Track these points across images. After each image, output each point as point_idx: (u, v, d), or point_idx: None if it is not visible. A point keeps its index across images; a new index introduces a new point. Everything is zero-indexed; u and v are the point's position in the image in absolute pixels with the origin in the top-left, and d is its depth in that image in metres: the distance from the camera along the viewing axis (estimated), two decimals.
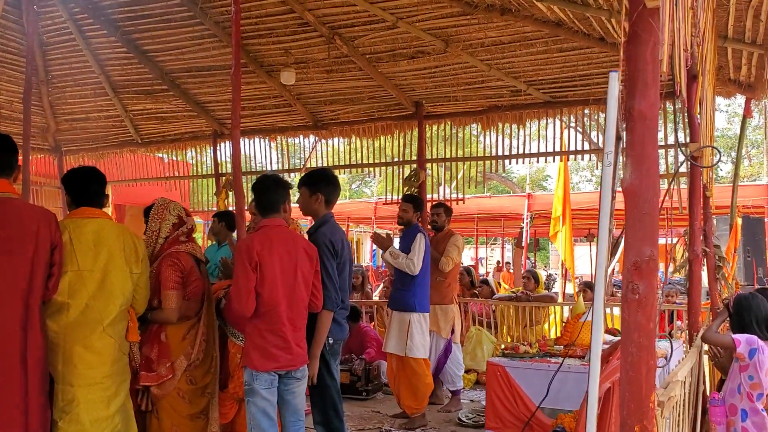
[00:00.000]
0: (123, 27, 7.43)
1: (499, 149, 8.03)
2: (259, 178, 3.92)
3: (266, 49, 7.38)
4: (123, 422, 3.35)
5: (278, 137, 9.22)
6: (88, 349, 3.22)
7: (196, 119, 9.11)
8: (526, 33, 6.34)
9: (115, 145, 10.07)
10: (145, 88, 8.57)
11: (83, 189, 3.44)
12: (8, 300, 2.85)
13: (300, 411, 3.82)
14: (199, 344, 3.82)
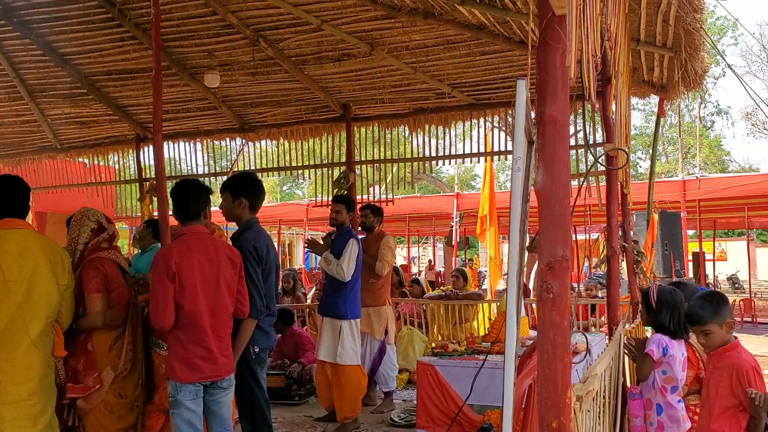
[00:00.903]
0: (38, 29, 7.15)
1: (428, 150, 8.11)
2: (177, 183, 3.85)
3: (189, 51, 7.25)
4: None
5: (204, 140, 9.07)
6: (13, 364, 3.13)
7: (118, 123, 8.86)
8: (449, 36, 6.44)
9: (33, 150, 9.71)
10: (63, 92, 8.27)
11: (5, 199, 3.34)
12: None
13: (227, 420, 3.77)
14: (125, 354, 3.74)
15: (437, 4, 5.79)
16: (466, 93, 7.43)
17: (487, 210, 10.32)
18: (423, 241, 26.63)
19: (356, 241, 5.82)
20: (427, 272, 18.32)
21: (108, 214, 4.17)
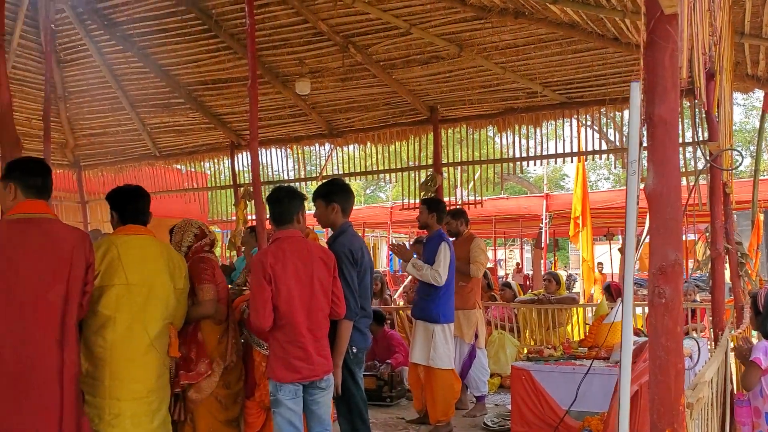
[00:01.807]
0: (139, 42, 7.51)
1: (516, 151, 8.01)
2: (273, 190, 3.95)
3: (281, 59, 7.45)
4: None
5: (294, 146, 9.26)
6: (134, 364, 3.30)
7: (213, 131, 9.18)
8: (540, 35, 6.34)
9: (134, 158, 10.16)
10: (162, 101, 8.66)
11: (129, 207, 3.55)
12: (46, 317, 2.91)
13: (326, 420, 3.84)
14: (231, 347, 3.91)
15: (528, 3, 5.71)
16: (558, 92, 7.29)
17: (580, 211, 10.09)
18: (510, 243, 26.30)
19: (447, 244, 5.79)
20: (515, 275, 18.06)
21: (202, 219, 4.37)
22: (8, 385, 2.81)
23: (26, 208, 3.01)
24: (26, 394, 2.84)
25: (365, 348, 4.20)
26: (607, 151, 7.76)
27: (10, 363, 2.82)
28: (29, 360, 2.85)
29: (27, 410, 2.84)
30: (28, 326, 2.87)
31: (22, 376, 2.84)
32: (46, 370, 2.88)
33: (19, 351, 2.84)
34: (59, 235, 3.05)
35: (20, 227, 2.97)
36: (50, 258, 2.96)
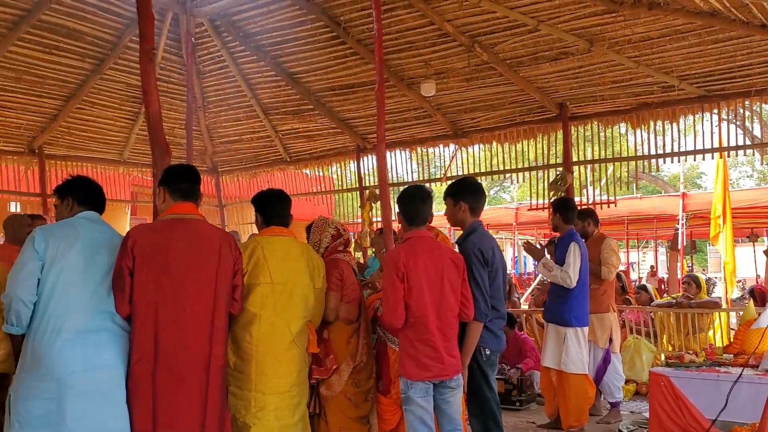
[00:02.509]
0: (271, 51, 7.83)
1: (652, 148, 7.64)
2: (404, 190, 3.96)
3: (406, 62, 7.53)
4: (303, 430, 3.58)
5: (418, 148, 9.31)
6: (277, 359, 3.46)
7: (340, 135, 9.41)
8: (676, 26, 6.04)
9: (267, 164, 10.59)
10: (292, 108, 8.97)
11: (273, 209, 3.74)
12: (198, 310, 3.11)
13: (456, 419, 3.82)
14: (361, 347, 3.99)
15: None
16: (696, 85, 6.90)
17: (721, 211, 9.47)
18: (643, 245, 25.15)
19: (579, 244, 5.61)
20: (649, 278, 17.22)
21: None
22: (167, 376, 3.01)
23: (176, 209, 3.25)
24: (179, 384, 3.02)
25: (499, 350, 4.13)
26: (751, 147, 7.27)
27: (169, 353, 3.02)
28: (184, 351, 3.04)
29: (178, 400, 3.02)
30: (182, 318, 3.07)
31: (177, 366, 3.02)
32: (195, 360, 3.06)
33: (176, 341, 3.04)
34: (207, 233, 3.25)
35: (172, 226, 3.19)
36: (200, 254, 3.16)
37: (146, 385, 3.00)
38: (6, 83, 7.71)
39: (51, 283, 2.91)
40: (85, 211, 3.20)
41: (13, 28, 7.03)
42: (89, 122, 8.96)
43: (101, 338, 2.95)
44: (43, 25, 7.15)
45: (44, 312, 2.89)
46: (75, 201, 3.23)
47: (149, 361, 3.01)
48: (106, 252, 3.08)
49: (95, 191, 3.30)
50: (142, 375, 3.00)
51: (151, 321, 3.03)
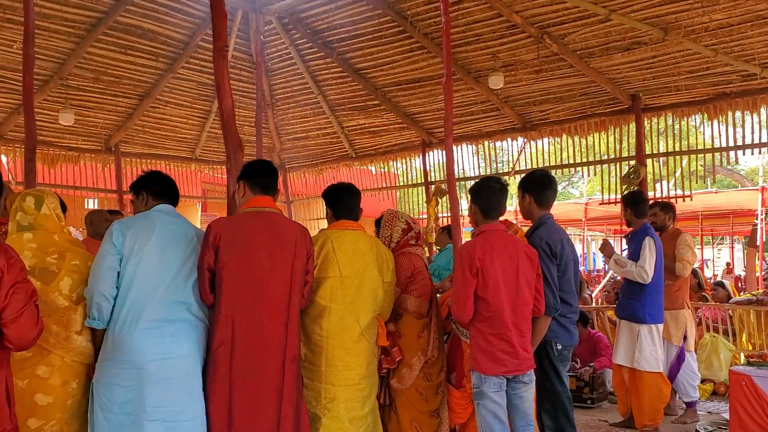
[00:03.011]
0: (339, 48, 7.89)
1: (729, 140, 7.35)
2: (480, 181, 3.91)
3: (474, 55, 7.46)
4: (373, 422, 3.61)
5: (485, 142, 9.22)
6: (347, 351, 3.48)
7: (406, 130, 9.40)
8: (759, 11, 5.80)
9: (333, 160, 10.68)
10: (358, 104, 9.02)
11: (343, 203, 3.76)
12: (275, 301, 3.17)
13: (529, 415, 3.76)
14: (433, 342, 3.96)
15: None
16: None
17: None
18: (718, 241, 24.28)
19: (653, 239, 5.43)
20: (725, 276, 16.60)
21: None
22: (244, 364, 3.07)
23: (255, 202, 3.31)
24: (255, 372, 3.08)
25: (570, 345, 4.05)
26: None
27: (247, 342, 3.08)
28: (261, 340, 3.09)
29: (254, 388, 3.07)
30: (260, 308, 3.13)
31: (254, 355, 3.08)
32: (272, 349, 3.11)
33: (253, 330, 3.10)
34: (283, 226, 3.31)
35: (251, 219, 3.25)
36: (276, 246, 3.21)
37: (224, 371, 3.06)
38: (84, 83, 8.02)
39: (129, 275, 2.99)
40: (161, 204, 3.28)
41: (92, 30, 7.31)
42: (162, 120, 9.24)
43: (178, 328, 3.02)
44: (119, 26, 7.40)
45: (123, 303, 2.97)
46: (150, 195, 3.32)
47: (228, 349, 3.07)
48: (182, 243, 3.15)
49: (169, 185, 3.38)
50: (222, 361, 3.07)
51: (230, 311, 3.09)
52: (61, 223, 3.13)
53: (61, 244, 3.04)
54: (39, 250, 2.96)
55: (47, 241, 3.01)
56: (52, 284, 2.93)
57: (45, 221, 3.05)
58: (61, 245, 3.03)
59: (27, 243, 2.96)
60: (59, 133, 8.56)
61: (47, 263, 2.94)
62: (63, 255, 3.00)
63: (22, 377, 2.81)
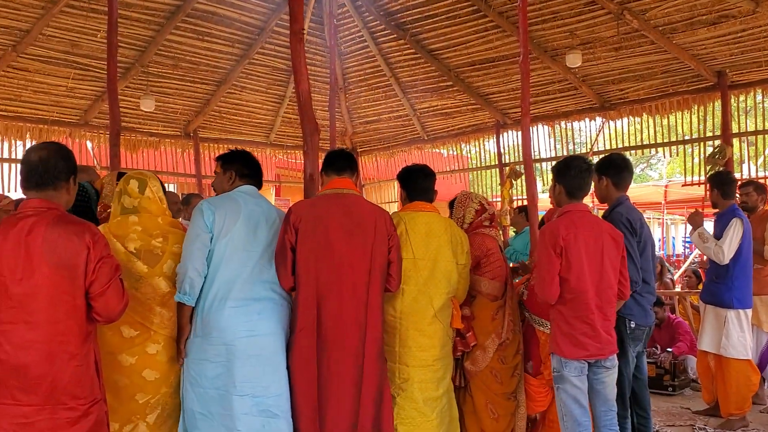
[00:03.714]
0: (411, 29, 7.83)
1: None
2: (564, 160, 3.81)
3: (550, 33, 7.29)
4: (448, 403, 3.59)
5: (561, 122, 9.01)
6: (420, 333, 3.47)
7: (479, 111, 9.28)
8: None
9: (404, 143, 10.65)
10: (431, 86, 8.95)
11: (417, 185, 3.74)
12: (356, 282, 3.19)
13: (611, 401, 3.67)
14: (507, 324, 3.90)
15: None
16: None
17: None
18: None
19: (741, 219, 5.19)
20: None
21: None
22: (328, 345, 3.12)
23: (334, 184, 3.36)
24: (338, 351, 3.12)
25: (645, 325, 3.93)
26: None
27: (329, 322, 3.12)
28: (342, 320, 3.13)
29: (338, 367, 3.12)
30: (341, 289, 3.16)
31: (337, 335, 3.12)
32: (353, 329, 3.15)
33: (335, 311, 3.13)
34: (363, 208, 3.33)
35: (331, 201, 3.29)
36: (357, 228, 3.23)
37: (309, 352, 3.11)
38: (164, 70, 8.24)
39: (219, 254, 3.06)
40: (244, 185, 3.33)
41: (171, 17, 7.49)
42: (238, 106, 9.41)
43: (263, 306, 3.08)
44: (197, 13, 7.56)
45: (212, 281, 3.05)
46: (237, 174, 3.37)
47: (312, 330, 3.12)
48: (265, 225, 3.21)
49: (256, 167, 3.44)
50: (306, 342, 3.12)
51: (312, 292, 3.14)
52: (163, 206, 3.20)
53: (164, 227, 3.12)
54: (144, 232, 3.05)
55: (151, 223, 3.09)
56: (157, 267, 3.02)
57: (149, 204, 3.13)
58: (165, 228, 3.12)
59: (132, 225, 3.05)
60: (140, 119, 8.83)
61: (152, 246, 3.03)
62: (166, 237, 3.08)
63: (132, 354, 2.93)
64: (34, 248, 2.35)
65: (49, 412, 2.35)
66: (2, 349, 2.35)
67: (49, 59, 7.53)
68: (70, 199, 2.59)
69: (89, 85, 8.07)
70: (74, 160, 2.58)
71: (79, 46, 7.49)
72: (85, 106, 8.31)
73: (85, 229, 2.41)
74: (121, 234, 3.01)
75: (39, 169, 2.47)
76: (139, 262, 2.98)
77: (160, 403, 3.00)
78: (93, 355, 2.48)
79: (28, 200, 2.49)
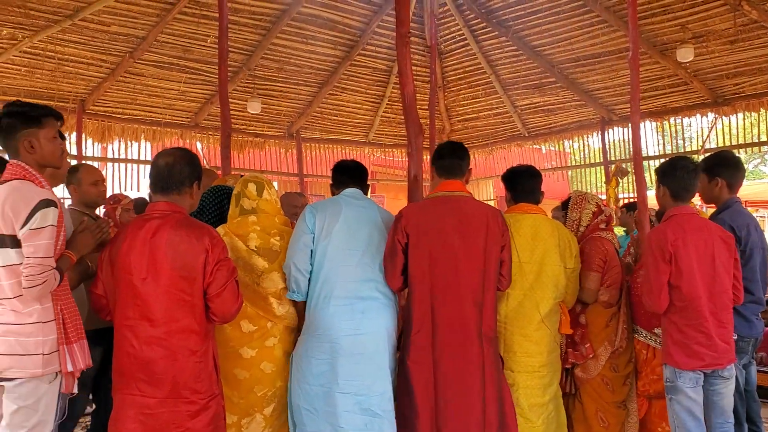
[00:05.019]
0: (514, 26, 7.73)
1: None
2: (670, 161, 3.66)
3: (660, 27, 7.01)
4: (555, 410, 3.49)
5: (670, 118, 8.65)
6: (526, 338, 3.42)
7: (583, 108, 9.04)
8: None
9: (503, 140, 10.51)
10: (532, 82, 8.80)
11: (522, 186, 3.67)
12: (469, 284, 3.18)
13: (728, 412, 3.49)
14: (621, 332, 3.79)
15: None
16: None
17: None
18: None
19: None
20: None
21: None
22: (445, 346, 3.12)
23: (444, 187, 3.34)
24: (456, 353, 3.13)
25: (750, 336, 3.72)
26: None
27: (445, 324, 3.14)
28: (458, 322, 3.13)
29: (457, 368, 3.13)
30: (456, 291, 3.15)
31: (454, 337, 3.13)
32: (470, 331, 3.14)
33: (451, 313, 3.14)
34: (475, 209, 3.29)
35: (441, 204, 3.28)
36: (469, 230, 3.21)
37: (426, 354, 3.13)
38: (269, 73, 8.48)
39: (321, 254, 3.16)
40: (348, 189, 3.43)
41: (276, 22, 7.70)
42: (339, 107, 9.57)
43: (367, 305, 3.14)
44: (301, 17, 7.74)
45: (317, 280, 3.15)
46: (335, 182, 3.49)
47: (428, 332, 3.14)
48: (367, 226, 3.27)
49: (348, 172, 3.50)
50: (423, 344, 3.14)
51: (427, 294, 3.16)
52: (277, 206, 3.36)
53: (280, 226, 3.28)
54: (263, 231, 3.21)
55: (269, 223, 3.25)
56: (275, 262, 3.18)
57: (266, 205, 3.29)
58: (280, 227, 3.28)
59: (252, 225, 3.21)
60: (247, 120, 9.13)
61: (271, 244, 3.19)
62: (282, 236, 3.24)
63: (252, 347, 3.08)
64: (158, 250, 2.50)
65: (171, 404, 2.49)
66: (130, 343, 2.51)
67: (162, 64, 7.90)
68: (193, 203, 2.74)
69: (199, 89, 8.42)
70: (198, 167, 2.72)
71: (191, 51, 7.82)
72: (195, 109, 8.67)
73: (205, 232, 2.54)
74: (242, 233, 3.17)
75: (164, 174, 2.64)
76: (260, 258, 3.13)
77: (276, 397, 3.12)
78: (212, 352, 2.61)
79: (155, 203, 2.66)
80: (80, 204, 3.76)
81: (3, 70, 7.10)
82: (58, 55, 7.17)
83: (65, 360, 2.45)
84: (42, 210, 2.39)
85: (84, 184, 3.74)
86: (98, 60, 7.53)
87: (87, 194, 3.76)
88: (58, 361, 2.45)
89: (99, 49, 7.39)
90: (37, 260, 2.36)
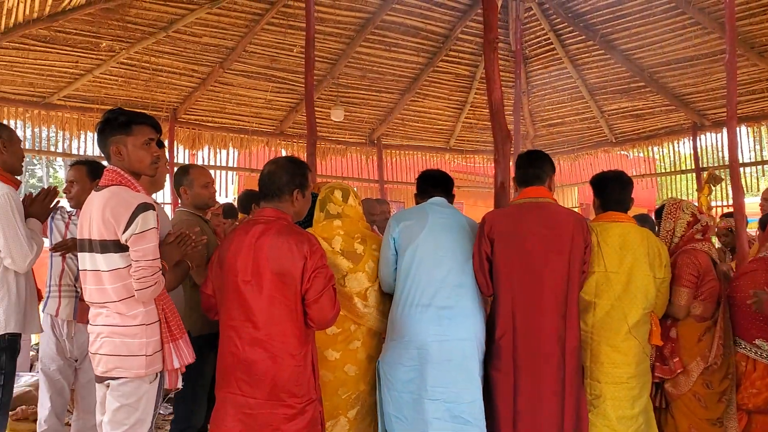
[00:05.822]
0: (602, 30, 7.55)
1: None
2: None
3: (759, 28, 6.70)
4: (645, 423, 3.38)
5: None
6: (614, 349, 3.33)
7: (674, 113, 8.73)
8: None
9: (590, 146, 10.26)
10: (620, 87, 8.56)
11: (611, 193, 3.57)
12: (553, 292, 3.14)
13: None
14: (716, 348, 3.61)
15: None
16: None
17: None
18: None
19: None
20: None
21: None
22: (526, 353, 3.10)
23: (527, 193, 3.33)
24: (537, 360, 3.09)
25: None
26: None
27: (527, 331, 3.11)
28: (540, 330, 3.09)
29: (538, 376, 3.09)
30: (539, 298, 3.12)
31: (535, 344, 3.09)
32: (552, 340, 3.09)
33: (533, 320, 3.11)
34: (560, 215, 3.25)
35: (525, 210, 3.26)
36: (553, 236, 3.17)
37: (508, 362, 3.12)
38: (352, 81, 8.58)
39: (407, 262, 3.19)
40: (434, 197, 3.45)
41: (360, 30, 7.78)
42: (421, 113, 9.58)
43: (455, 312, 3.13)
44: (384, 24, 7.79)
45: (403, 287, 3.17)
46: (419, 193, 3.53)
47: (510, 338, 3.12)
48: (454, 232, 3.28)
49: (432, 181, 3.53)
50: (505, 351, 3.13)
51: (509, 300, 3.14)
52: (360, 213, 3.44)
53: (363, 231, 3.35)
54: (347, 235, 3.28)
55: (353, 227, 3.32)
56: (360, 264, 3.23)
57: (350, 211, 3.36)
58: (363, 232, 3.35)
59: (336, 229, 3.29)
60: (330, 128, 9.26)
61: (354, 247, 3.25)
62: (365, 240, 3.30)
63: (336, 349, 3.14)
64: (261, 254, 2.58)
65: (270, 406, 2.55)
66: (233, 343, 2.59)
67: (250, 74, 8.11)
68: (297, 210, 2.80)
69: (285, 97, 8.60)
70: (301, 175, 2.78)
71: (278, 61, 8.00)
72: (281, 117, 8.87)
73: (304, 239, 2.59)
74: (327, 236, 3.24)
75: (266, 181, 2.75)
76: (344, 259, 3.20)
77: (360, 400, 3.16)
78: (311, 357, 2.66)
79: (262, 209, 2.75)
80: (191, 206, 3.75)
81: (102, 80, 7.46)
82: (152, 65, 7.47)
83: (171, 357, 2.54)
84: (142, 214, 2.47)
85: (195, 186, 3.73)
86: (190, 70, 7.80)
87: (198, 196, 3.74)
88: (160, 361, 2.54)
89: (191, 60, 7.67)
90: (147, 263, 2.46)
